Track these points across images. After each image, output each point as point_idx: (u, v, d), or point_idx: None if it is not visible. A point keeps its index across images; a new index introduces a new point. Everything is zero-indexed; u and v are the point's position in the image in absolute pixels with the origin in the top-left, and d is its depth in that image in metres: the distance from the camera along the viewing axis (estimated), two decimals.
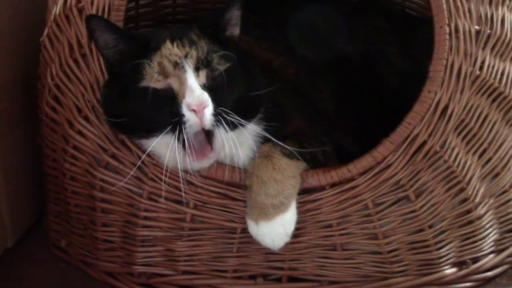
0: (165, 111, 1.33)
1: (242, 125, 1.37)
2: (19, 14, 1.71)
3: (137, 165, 1.45)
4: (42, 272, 1.66)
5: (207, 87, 1.33)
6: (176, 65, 1.32)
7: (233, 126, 1.34)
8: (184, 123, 1.31)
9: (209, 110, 1.31)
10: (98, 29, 1.35)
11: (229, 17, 1.40)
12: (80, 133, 1.52)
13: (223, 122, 1.32)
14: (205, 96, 1.31)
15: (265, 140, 1.44)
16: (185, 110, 1.31)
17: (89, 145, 1.51)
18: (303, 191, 1.46)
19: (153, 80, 1.32)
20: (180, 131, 1.32)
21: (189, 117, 1.31)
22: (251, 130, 1.43)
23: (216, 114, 1.32)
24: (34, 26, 1.71)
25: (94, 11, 1.47)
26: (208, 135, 1.36)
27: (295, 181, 1.44)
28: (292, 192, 1.43)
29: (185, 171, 1.42)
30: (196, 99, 1.30)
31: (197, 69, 1.33)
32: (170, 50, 1.34)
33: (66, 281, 1.63)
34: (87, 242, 1.63)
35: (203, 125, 1.32)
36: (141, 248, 1.55)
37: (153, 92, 1.32)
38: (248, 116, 1.40)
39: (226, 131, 1.33)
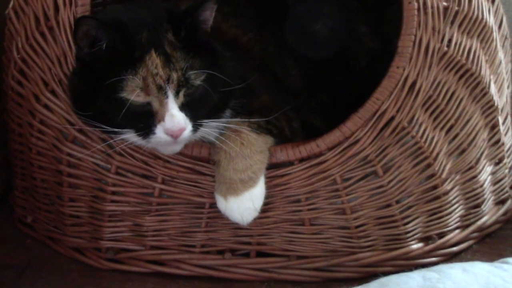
0: (139, 122, 1.32)
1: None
2: None
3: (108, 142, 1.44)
4: (8, 248, 1.65)
5: (185, 104, 1.33)
6: (160, 88, 1.30)
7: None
8: (155, 135, 1.32)
9: (187, 132, 1.32)
10: (90, 29, 1.30)
11: (204, 18, 1.36)
12: (46, 107, 1.50)
13: (198, 130, 1.35)
14: (185, 121, 1.31)
15: (233, 115, 1.44)
16: (160, 131, 1.31)
17: (56, 120, 1.50)
18: (272, 166, 1.46)
19: (134, 94, 1.30)
20: (149, 138, 1.33)
21: (165, 138, 1.32)
22: None
23: (193, 129, 1.33)
24: None
25: None
26: None
27: (263, 156, 1.44)
28: (261, 167, 1.43)
29: None
30: (176, 125, 1.30)
31: (177, 92, 1.32)
32: (156, 66, 1.31)
33: (33, 257, 1.61)
34: (54, 217, 1.61)
35: (177, 141, 1.33)
36: (108, 223, 1.54)
37: (131, 105, 1.30)
38: (221, 109, 1.41)
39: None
